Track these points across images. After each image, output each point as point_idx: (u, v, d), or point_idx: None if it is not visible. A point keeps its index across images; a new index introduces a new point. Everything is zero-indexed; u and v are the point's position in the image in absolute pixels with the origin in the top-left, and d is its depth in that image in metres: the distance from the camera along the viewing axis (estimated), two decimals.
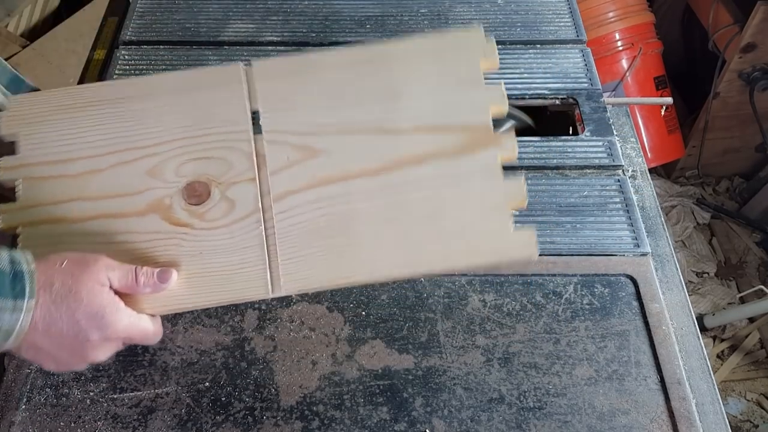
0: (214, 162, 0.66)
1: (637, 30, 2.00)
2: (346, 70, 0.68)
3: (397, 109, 0.67)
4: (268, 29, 1.15)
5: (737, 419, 1.72)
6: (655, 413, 0.75)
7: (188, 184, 0.65)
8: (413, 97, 0.67)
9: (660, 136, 2.08)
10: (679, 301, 0.86)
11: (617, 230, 0.90)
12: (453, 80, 0.68)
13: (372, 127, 0.67)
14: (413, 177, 0.66)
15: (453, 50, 0.69)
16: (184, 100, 0.67)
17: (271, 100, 0.67)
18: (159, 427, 0.73)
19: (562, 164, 0.96)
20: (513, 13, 1.18)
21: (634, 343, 0.79)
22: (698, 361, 0.81)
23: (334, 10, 1.18)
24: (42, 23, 2.04)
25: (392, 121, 0.67)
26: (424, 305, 0.84)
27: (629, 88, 2.01)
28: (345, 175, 0.66)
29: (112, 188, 0.66)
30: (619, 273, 0.86)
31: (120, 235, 0.65)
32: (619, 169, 0.97)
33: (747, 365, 1.83)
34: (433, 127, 0.67)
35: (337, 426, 0.74)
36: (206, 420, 0.74)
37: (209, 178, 0.65)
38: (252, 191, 0.65)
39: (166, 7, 1.18)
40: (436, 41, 0.69)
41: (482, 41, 0.69)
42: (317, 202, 0.65)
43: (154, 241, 0.64)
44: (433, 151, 0.66)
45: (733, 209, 2.15)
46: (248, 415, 0.75)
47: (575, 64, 1.10)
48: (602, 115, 1.03)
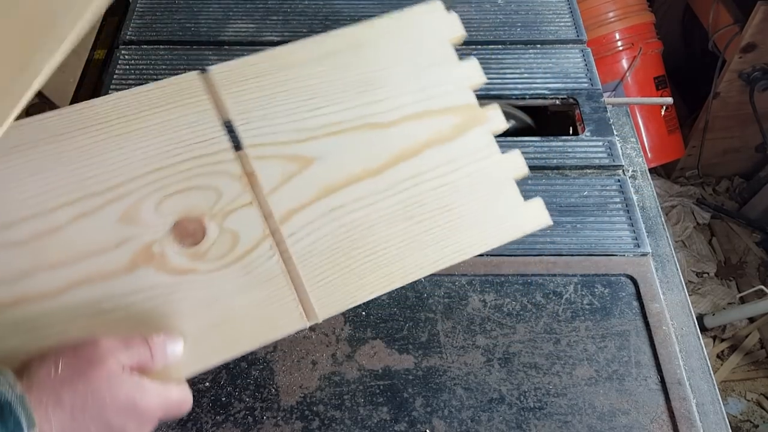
0: (199, 192, 0.57)
1: (637, 30, 2.00)
2: (317, 64, 0.62)
3: (379, 101, 0.63)
4: (268, 29, 1.15)
5: (737, 419, 1.72)
6: (656, 413, 0.75)
7: (176, 224, 0.56)
8: (391, 85, 0.63)
9: (660, 136, 2.08)
10: (680, 301, 0.86)
11: (617, 230, 0.90)
12: (426, 61, 0.65)
13: (359, 125, 0.62)
14: (416, 169, 0.62)
15: (418, 29, 0.66)
16: (140, 126, 0.57)
17: (245, 108, 0.60)
18: (159, 427, 0.73)
19: (562, 164, 0.96)
20: (513, 13, 1.18)
21: (634, 343, 0.79)
22: (698, 361, 0.81)
23: (334, 10, 1.18)
24: None
25: (378, 114, 0.63)
26: (424, 305, 0.84)
27: (629, 88, 2.01)
28: (349, 179, 0.60)
29: (81, 247, 0.54)
30: (619, 273, 0.86)
31: (109, 302, 0.53)
32: (619, 169, 0.97)
33: (747, 365, 1.83)
34: (420, 114, 0.64)
35: (337, 426, 0.74)
36: (206, 420, 0.74)
37: (199, 211, 0.56)
38: (253, 216, 0.57)
39: (166, 7, 1.18)
40: (400, 22, 0.66)
41: (444, 15, 0.67)
42: (328, 215, 0.59)
43: (154, 298, 0.54)
44: (427, 139, 0.63)
45: (733, 209, 2.15)
46: (248, 415, 0.75)
47: (575, 64, 1.10)
48: (602, 115, 1.03)
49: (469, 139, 0.64)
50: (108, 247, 0.54)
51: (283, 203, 0.58)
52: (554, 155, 0.98)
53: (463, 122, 0.64)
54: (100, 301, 0.53)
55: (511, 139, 1.00)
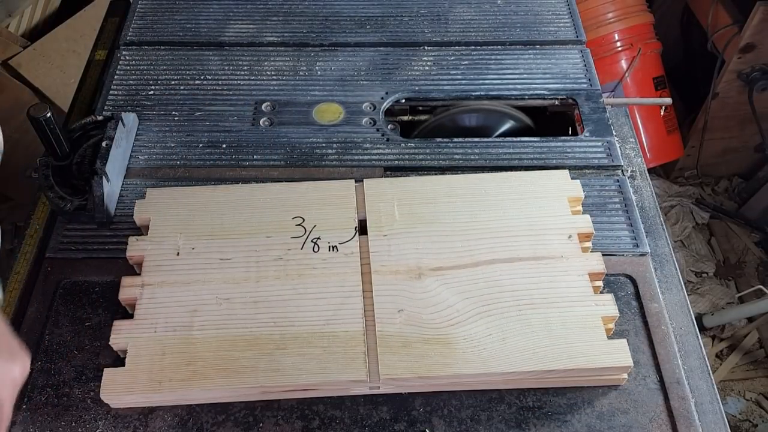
0: None
1: (636, 30, 2.00)
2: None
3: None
4: (268, 30, 1.16)
5: (736, 419, 1.72)
6: (654, 413, 0.75)
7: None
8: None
9: (659, 137, 2.08)
10: (678, 301, 0.86)
11: (616, 230, 0.90)
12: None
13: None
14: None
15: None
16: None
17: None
18: (160, 427, 0.74)
19: (561, 164, 0.97)
20: (512, 14, 1.19)
21: (633, 343, 0.80)
22: (697, 361, 0.81)
23: (334, 11, 1.19)
24: (43, 23, 2.04)
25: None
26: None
27: (628, 88, 2.01)
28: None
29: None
30: (618, 273, 0.86)
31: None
32: (618, 170, 0.97)
33: (746, 365, 1.83)
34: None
35: (337, 425, 0.74)
36: (207, 419, 0.74)
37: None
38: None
39: (166, 8, 1.19)
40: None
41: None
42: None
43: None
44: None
45: (732, 209, 2.15)
46: (248, 414, 0.75)
47: (574, 64, 1.11)
48: (601, 116, 1.03)
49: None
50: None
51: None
52: (553, 155, 0.98)
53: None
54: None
55: (510, 139, 1.00)
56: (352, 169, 0.97)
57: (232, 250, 0.81)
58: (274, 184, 0.89)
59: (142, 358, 0.73)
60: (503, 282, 0.78)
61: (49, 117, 0.84)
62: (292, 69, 1.10)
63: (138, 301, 0.77)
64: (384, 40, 1.14)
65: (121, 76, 1.08)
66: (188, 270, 0.79)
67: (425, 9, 1.19)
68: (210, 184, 0.92)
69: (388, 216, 0.83)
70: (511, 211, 0.84)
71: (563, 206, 0.85)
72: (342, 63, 1.11)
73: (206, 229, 0.83)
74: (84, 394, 0.76)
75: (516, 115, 1.07)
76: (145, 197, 0.86)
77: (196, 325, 0.75)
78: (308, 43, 1.13)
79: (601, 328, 0.74)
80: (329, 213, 0.84)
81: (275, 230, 0.83)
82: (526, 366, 0.72)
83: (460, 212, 0.84)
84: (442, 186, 0.87)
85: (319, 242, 0.81)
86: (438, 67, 1.10)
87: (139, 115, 1.02)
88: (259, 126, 1.02)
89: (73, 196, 0.89)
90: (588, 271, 0.79)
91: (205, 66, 1.10)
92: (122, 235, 0.87)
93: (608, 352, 0.73)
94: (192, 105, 1.04)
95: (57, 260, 0.87)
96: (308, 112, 1.04)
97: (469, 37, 1.15)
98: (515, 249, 0.80)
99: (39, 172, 0.90)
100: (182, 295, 0.77)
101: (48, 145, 0.88)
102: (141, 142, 1.00)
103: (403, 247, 0.81)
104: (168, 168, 0.97)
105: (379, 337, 0.74)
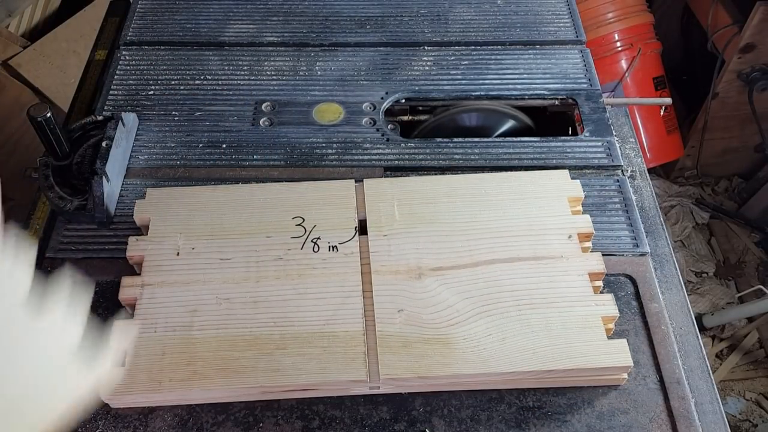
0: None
1: (636, 30, 2.00)
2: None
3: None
4: (268, 30, 1.16)
5: (736, 419, 1.72)
6: (654, 413, 0.75)
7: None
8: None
9: (659, 137, 2.08)
10: (678, 301, 0.86)
11: (616, 230, 0.90)
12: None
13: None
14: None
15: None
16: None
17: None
18: (160, 427, 0.74)
19: (561, 164, 0.97)
20: (512, 14, 1.19)
21: (633, 343, 0.80)
22: (697, 361, 0.81)
23: (334, 11, 1.19)
24: (43, 23, 2.04)
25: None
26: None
27: (628, 88, 2.01)
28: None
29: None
30: (618, 273, 0.86)
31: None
32: (618, 170, 0.97)
33: (746, 365, 1.83)
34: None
35: (337, 425, 0.74)
36: (207, 419, 0.74)
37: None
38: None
39: (166, 8, 1.19)
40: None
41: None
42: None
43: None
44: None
45: (732, 209, 2.15)
46: (248, 414, 0.75)
47: (574, 64, 1.11)
48: (601, 116, 1.03)
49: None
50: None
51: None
52: (553, 155, 0.98)
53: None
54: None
55: (510, 139, 1.00)
56: (352, 169, 0.97)
57: (232, 250, 0.81)
58: (274, 184, 0.89)
59: (142, 358, 0.73)
60: (503, 282, 0.78)
61: (49, 117, 0.84)
62: (292, 69, 1.10)
63: (138, 301, 0.77)
64: (384, 40, 1.14)
65: (121, 76, 1.08)
66: (188, 270, 0.79)
67: (425, 9, 1.19)
68: (210, 184, 0.92)
69: (388, 216, 0.84)
70: (511, 211, 0.84)
71: (563, 206, 0.85)
72: (342, 63, 1.11)
73: (206, 229, 0.83)
74: None
75: (516, 115, 1.07)
76: (145, 197, 0.86)
77: (196, 325, 0.75)
78: (308, 43, 1.13)
79: (601, 328, 0.74)
80: (329, 213, 0.84)
81: (275, 230, 0.83)
82: (526, 366, 0.72)
83: (460, 212, 0.84)
84: (442, 186, 0.87)
85: (319, 242, 0.81)
86: (438, 67, 1.10)
87: (139, 115, 1.02)
88: (259, 126, 1.02)
89: (73, 196, 0.89)
90: (588, 271, 0.79)
91: (205, 66, 1.10)
92: (122, 235, 0.87)
93: (608, 352, 0.73)
94: (192, 105, 1.04)
95: (57, 260, 0.87)
96: (308, 112, 1.04)
97: (469, 37, 1.15)
98: (515, 249, 0.80)
99: (39, 172, 0.90)
100: (182, 295, 0.77)
101: (48, 145, 0.88)
102: (141, 142, 1.00)
103: (403, 247, 0.81)
104: (168, 168, 0.97)
105: (379, 337, 0.74)
